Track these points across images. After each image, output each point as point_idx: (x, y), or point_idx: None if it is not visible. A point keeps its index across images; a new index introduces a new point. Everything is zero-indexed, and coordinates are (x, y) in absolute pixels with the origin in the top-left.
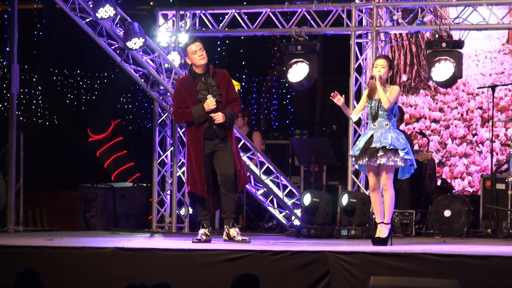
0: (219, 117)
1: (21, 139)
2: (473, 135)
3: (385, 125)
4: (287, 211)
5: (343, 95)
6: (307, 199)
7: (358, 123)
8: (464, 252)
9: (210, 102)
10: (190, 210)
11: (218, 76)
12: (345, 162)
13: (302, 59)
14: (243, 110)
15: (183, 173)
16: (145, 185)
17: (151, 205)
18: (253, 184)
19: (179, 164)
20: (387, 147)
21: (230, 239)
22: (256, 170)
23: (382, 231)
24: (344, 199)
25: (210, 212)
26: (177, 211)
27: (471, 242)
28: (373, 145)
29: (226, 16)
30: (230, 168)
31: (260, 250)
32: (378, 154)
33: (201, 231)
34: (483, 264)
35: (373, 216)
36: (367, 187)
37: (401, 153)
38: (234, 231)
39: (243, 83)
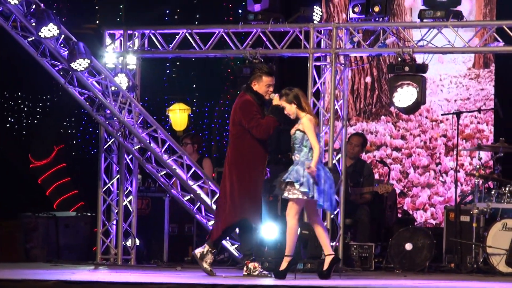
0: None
1: None
2: (437, 164)
3: (296, 157)
4: (240, 243)
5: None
6: (270, 231)
7: None
8: (426, 287)
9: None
10: (137, 242)
11: None
12: None
13: None
14: (193, 137)
15: (130, 202)
16: (89, 214)
17: (95, 235)
18: (203, 214)
19: (125, 193)
20: (286, 180)
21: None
22: (207, 200)
23: (282, 264)
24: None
25: None
26: (123, 242)
27: (434, 277)
28: (282, 179)
29: (177, 36)
30: None
31: (212, 284)
32: (282, 187)
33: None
34: None
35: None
36: (324, 218)
37: (296, 186)
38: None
39: (194, 107)
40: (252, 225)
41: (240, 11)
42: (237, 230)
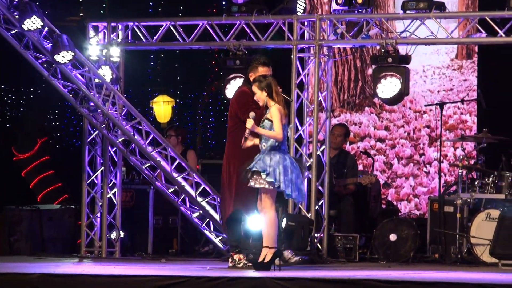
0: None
1: None
2: (420, 155)
3: (263, 146)
4: (224, 235)
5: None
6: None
7: (300, 142)
8: (410, 278)
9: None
10: (121, 234)
11: None
12: None
13: (241, 75)
14: (177, 128)
15: (114, 194)
16: (73, 207)
17: (79, 228)
18: (188, 206)
19: (109, 185)
20: (252, 169)
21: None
22: (192, 192)
23: (266, 255)
24: (283, 222)
25: None
26: (107, 235)
27: (418, 267)
28: (248, 167)
29: (161, 29)
30: None
31: (196, 276)
32: (248, 176)
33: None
34: None
35: (310, 240)
36: (308, 210)
37: (263, 175)
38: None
39: (178, 99)
40: (240, 216)
41: (223, 2)
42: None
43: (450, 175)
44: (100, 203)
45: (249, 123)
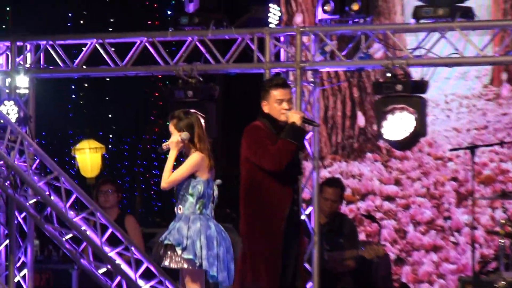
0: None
1: None
2: (445, 219)
3: (179, 210)
4: None
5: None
6: None
7: None
8: None
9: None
10: None
11: None
12: None
13: (195, 110)
14: (114, 182)
15: (23, 277)
16: None
17: None
18: None
19: (18, 265)
20: (164, 242)
21: None
22: (131, 273)
23: None
24: None
25: None
26: None
27: None
28: (160, 240)
29: (84, 48)
30: None
31: None
32: (160, 252)
33: None
34: None
35: None
36: None
37: (178, 251)
38: None
39: (109, 146)
40: None
41: (169, 12)
42: None
43: (487, 246)
44: None
45: (175, 137)
